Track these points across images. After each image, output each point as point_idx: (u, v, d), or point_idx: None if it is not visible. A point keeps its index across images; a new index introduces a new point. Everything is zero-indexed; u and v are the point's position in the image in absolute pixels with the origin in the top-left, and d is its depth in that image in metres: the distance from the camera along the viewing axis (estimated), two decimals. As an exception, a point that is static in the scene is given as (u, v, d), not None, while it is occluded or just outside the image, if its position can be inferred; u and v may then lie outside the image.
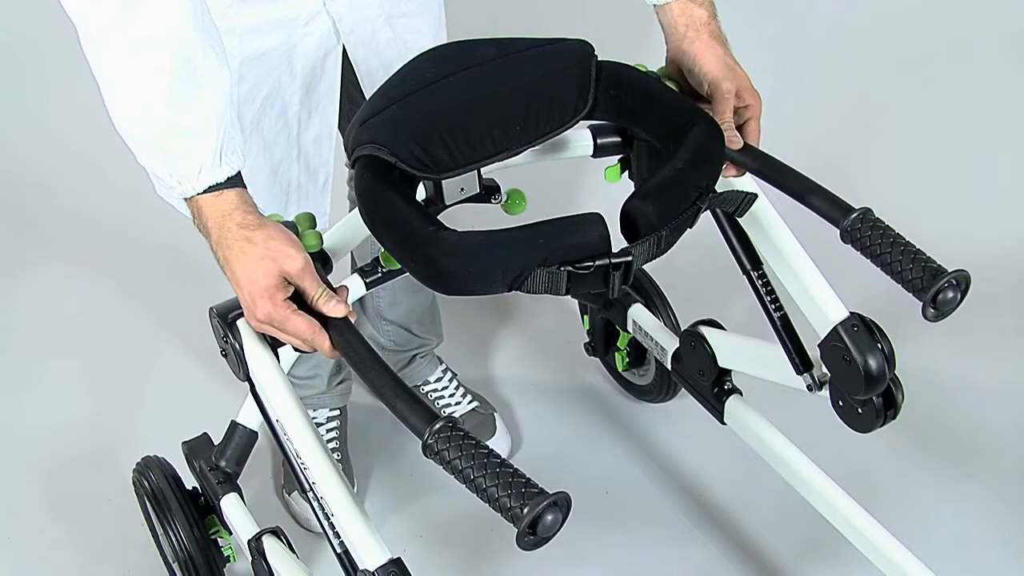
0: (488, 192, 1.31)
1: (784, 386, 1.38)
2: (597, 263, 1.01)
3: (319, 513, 1.13)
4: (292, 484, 1.73)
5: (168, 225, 1.49)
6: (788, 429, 1.47)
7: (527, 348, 2.04)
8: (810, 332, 1.29)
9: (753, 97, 1.24)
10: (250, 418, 1.45)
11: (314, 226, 1.18)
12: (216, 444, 1.48)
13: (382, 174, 1.12)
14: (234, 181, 1.08)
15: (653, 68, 1.29)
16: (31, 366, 2.05)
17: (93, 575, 1.66)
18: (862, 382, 1.22)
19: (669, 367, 1.60)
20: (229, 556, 1.50)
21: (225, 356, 1.19)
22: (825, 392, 1.34)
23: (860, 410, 1.28)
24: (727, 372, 1.51)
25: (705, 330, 1.51)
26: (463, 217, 1.21)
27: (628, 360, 1.83)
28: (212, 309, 1.17)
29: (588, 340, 1.88)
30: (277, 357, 1.15)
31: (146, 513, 1.59)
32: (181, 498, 1.47)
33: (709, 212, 1.32)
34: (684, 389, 1.63)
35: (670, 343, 1.59)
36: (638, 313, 1.68)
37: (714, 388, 1.52)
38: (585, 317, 1.88)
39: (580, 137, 1.35)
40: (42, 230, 2.37)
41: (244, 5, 1.26)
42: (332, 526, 1.11)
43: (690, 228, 1.10)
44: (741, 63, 1.24)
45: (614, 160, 1.40)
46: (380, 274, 1.39)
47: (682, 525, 1.68)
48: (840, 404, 1.31)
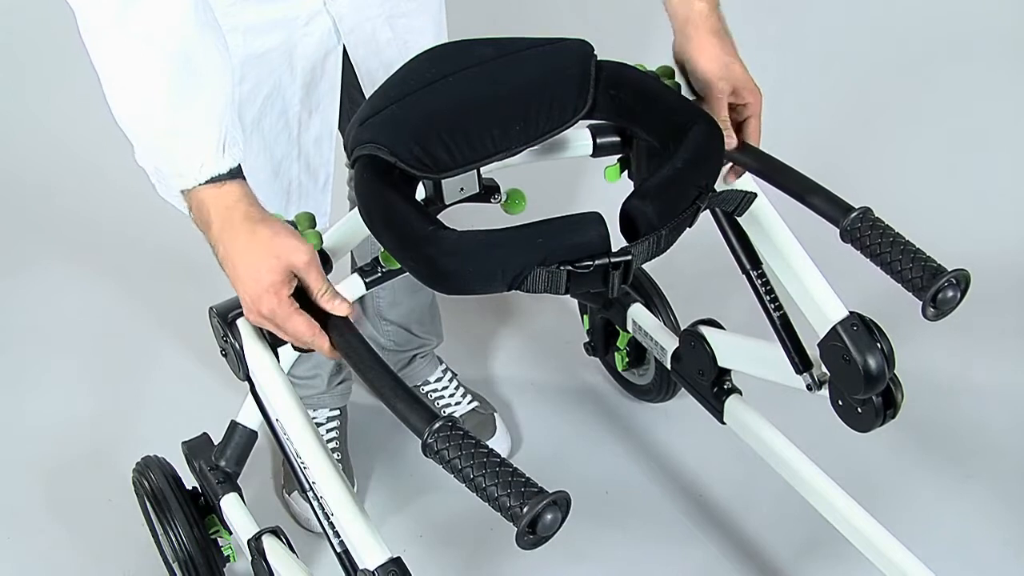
0: (488, 192, 1.31)
1: (784, 386, 1.38)
2: (597, 262, 1.01)
3: (319, 513, 1.13)
4: (292, 484, 1.73)
5: (168, 225, 1.49)
6: (788, 429, 1.47)
7: (527, 348, 2.04)
8: (810, 332, 1.29)
9: (752, 94, 1.23)
10: (250, 418, 1.45)
11: (314, 226, 1.18)
12: (216, 444, 1.48)
13: (382, 174, 1.12)
14: (235, 174, 1.07)
15: (653, 68, 1.29)
16: (31, 366, 2.05)
17: (93, 575, 1.66)
18: (862, 381, 1.22)
19: (669, 367, 1.60)
20: (229, 556, 1.50)
21: (225, 356, 1.19)
22: (825, 392, 1.34)
23: (860, 409, 1.28)
24: (727, 372, 1.51)
25: (705, 330, 1.51)
26: (463, 217, 1.21)
27: (628, 360, 1.83)
28: (212, 309, 1.17)
29: (588, 340, 1.88)
30: (277, 357, 1.15)
31: (146, 513, 1.59)
32: (181, 498, 1.47)
33: (708, 211, 1.32)
34: (684, 389, 1.63)
35: (670, 343, 1.59)
36: (638, 313, 1.68)
37: (714, 388, 1.52)
38: (585, 317, 1.88)
39: (579, 137, 1.35)
40: (42, 230, 2.37)
41: (245, 5, 1.26)
42: (332, 526, 1.11)
43: (689, 227, 1.10)
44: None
45: (613, 160, 1.40)
46: (380, 274, 1.39)
47: (682, 525, 1.68)
48: (840, 403, 1.31)
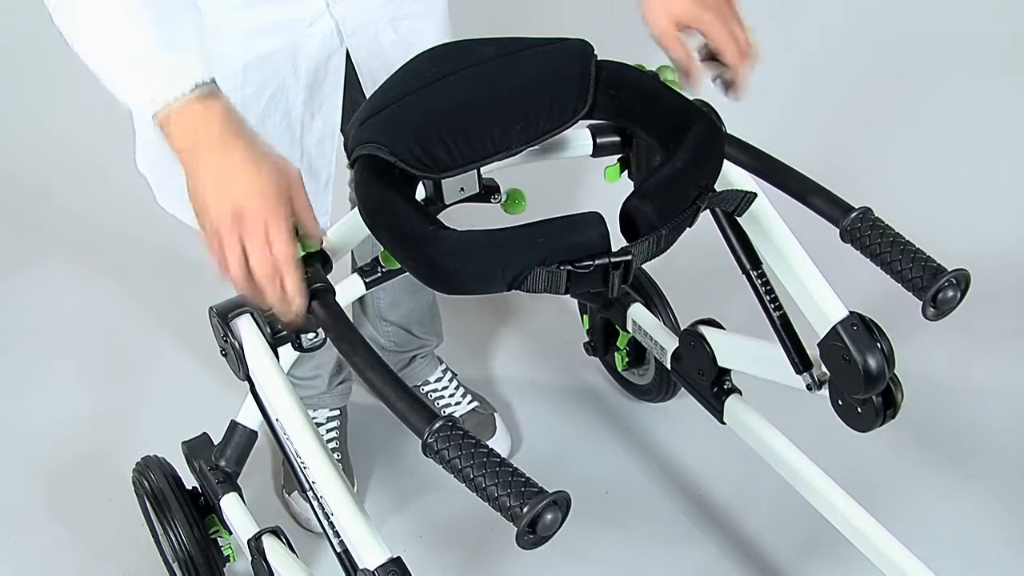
0: (488, 192, 1.31)
1: (784, 385, 1.38)
2: (597, 262, 1.01)
3: (319, 513, 1.13)
4: (292, 484, 1.73)
5: (168, 225, 1.49)
6: (788, 429, 1.47)
7: (527, 348, 2.04)
8: (809, 331, 1.29)
9: (708, 11, 1.18)
10: (250, 418, 1.46)
11: (314, 226, 1.17)
12: (216, 444, 1.48)
13: (382, 174, 1.12)
14: (217, 92, 1.03)
15: (653, 68, 1.29)
16: (31, 366, 2.05)
17: (93, 575, 1.66)
18: (862, 381, 1.22)
19: (669, 367, 1.60)
20: (229, 556, 1.50)
21: (225, 356, 1.19)
22: (825, 391, 1.34)
23: (860, 409, 1.28)
24: (726, 371, 1.51)
25: (704, 329, 1.51)
26: (463, 217, 1.21)
27: (628, 360, 1.82)
28: (212, 309, 1.17)
29: (588, 340, 1.88)
30: (277, 357, 1.15)
31: (146, 513, 1.59)
32: (181, 498, 1.47)
33: (708, 211, 1.32)
34: (684, 389, 1.63)
35: (670, 343, 1.59)
36: (638, 312, 1.68)
37: (714, 387, 1.52)
38: (585, 317, 1.88)
39: (579, 137, 1.35)
40: (42, 230, 2.37)
41: (249, 7, 1.26)
42: (332, 526, 1.11)
43: (689, 227, 1.10)
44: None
45: (613, 160, 1.40)
46: (380, 274, 1.39)
47: (682, 525, 1.68)
48: (840, 403, 1.31)
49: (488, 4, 2.18)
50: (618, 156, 1.39)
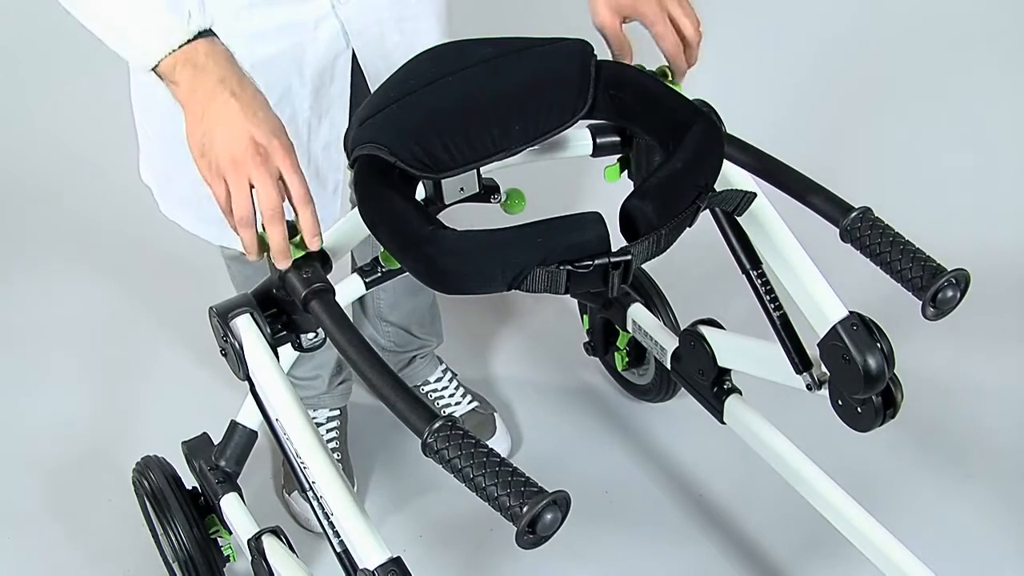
0: (487, 191, 1.31)
1: (784, 385, 1.38)
2: (596, 262, 1.01)
3: (319, 513, 1.13)
4: (292, 484, 1.73)
5: (168, 225, 1.49)
6: (788, 429, 1.47)
7: (527, 348, 2.04)
8: (809, 331, 1.29)
9: (648, 4, 1.23)
10: (250, 418, 1.46)
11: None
12: (216, 444, 1.48)
13: (382, 173, 1.12)
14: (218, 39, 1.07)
15: (653, 68, 1.29)
16: (31, 366, 2.05)
17: (93, 575, 1.66)
18: (861, 381, 1.22)
19: (669, 366, 1.60)
20: (229, 556, 1.50)
21: (225, 356, 1.19)
22: (824, 391, 1.34)
23: (859, 409, 1.28)
24: (727, 371, 1.51)
25: (704, 329, 1.51)
26: (463, 217, 1.21)
27: (628, 360, 1.82)
28: (212, 309, 1.16)
29: (588, 340, 1.88)
30: (277, 357, 1.15)
31: (146, 513, 1.59)
32: (181, 498, 1.47)
33: (708, 211, 1.32)
34: (684, 389, 1.63)
35: (669, 342, 1.59)
36: (637, 312, 1.68)
37: (714, 387, 1.52)
38: (585, 317, 1.88)
39: (579, 136, 1.35)
40: (42, 230, 2.37)
41: (254, 9, 1.26)
42: (332, 526, 1.11)
43: (689, 227, 1.10)
44: (739, 63, 1.23)
45: (613, 160, 1.40)
46: (380, 273, 1.39)
47: (682, 525, 1.68)
48: (840, 403, 1.31)
49: (488, 4, 2.18)
50: (618, 156, 1.39)
